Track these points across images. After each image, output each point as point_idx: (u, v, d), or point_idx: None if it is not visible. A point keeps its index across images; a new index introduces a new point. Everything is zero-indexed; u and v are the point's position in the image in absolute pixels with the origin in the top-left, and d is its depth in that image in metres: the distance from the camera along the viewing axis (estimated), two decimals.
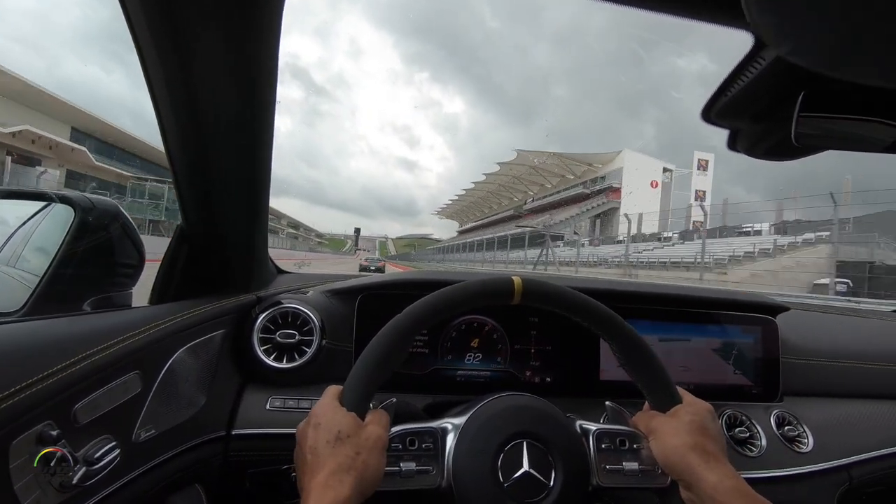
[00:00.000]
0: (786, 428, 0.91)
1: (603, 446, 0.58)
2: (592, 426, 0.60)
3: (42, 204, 0.86)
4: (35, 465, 0.46)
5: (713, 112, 0.46)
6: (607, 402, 0.66)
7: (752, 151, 0.50)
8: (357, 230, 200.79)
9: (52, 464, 0.47)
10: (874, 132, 0.41)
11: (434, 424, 0.58)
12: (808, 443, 0.90)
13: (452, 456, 0.55)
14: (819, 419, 0.95)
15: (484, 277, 0.59)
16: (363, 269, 28.28)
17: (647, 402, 0.61)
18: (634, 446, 0.58)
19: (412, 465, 0.54)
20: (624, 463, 0.57)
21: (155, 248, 0.88)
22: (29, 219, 0.89)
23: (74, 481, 0.49)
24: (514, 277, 0.57)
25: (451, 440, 0.57)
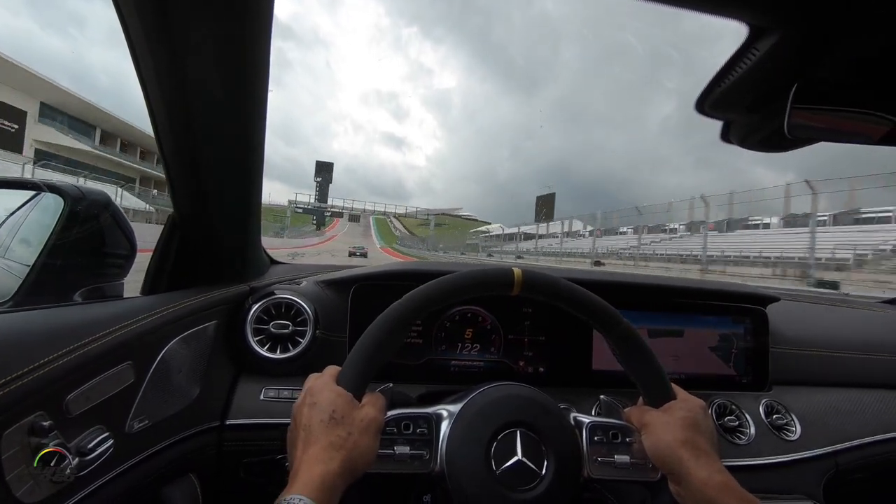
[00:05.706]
0: (774, 416, 0.92)
1: (595, 439, 0.59)
2: (586, 419, 0.60)
3: (31, 193, 0.85)
4: (35, 465, 0.46)
5: (707, 103, 0.46)
6: (601, 396, 0.66)
7: (746, 143, 0.50)
8: (322, 169, 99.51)
9: (53, 463, 0.47)
10: (866, 124, 0.41)
11: (429, 410, 0.59)
12: (796, 431, 0.91)
13: (446, 442, 0.56)
14: (806, 408, 0.96)
15: (484, 267, 0.59)
16: (351, 254, 31.83)
17: (640, 397, 0.61)
18: (626, 440, 0.59)
19: (406, 449, 0.54)
20: (616, 456, 0.57)
21: None
22: (18, 208, 0.88)
23: (67, 472, 0.49)
24: (514, 268, 0.58)
25: (445, 426, 0.57)
